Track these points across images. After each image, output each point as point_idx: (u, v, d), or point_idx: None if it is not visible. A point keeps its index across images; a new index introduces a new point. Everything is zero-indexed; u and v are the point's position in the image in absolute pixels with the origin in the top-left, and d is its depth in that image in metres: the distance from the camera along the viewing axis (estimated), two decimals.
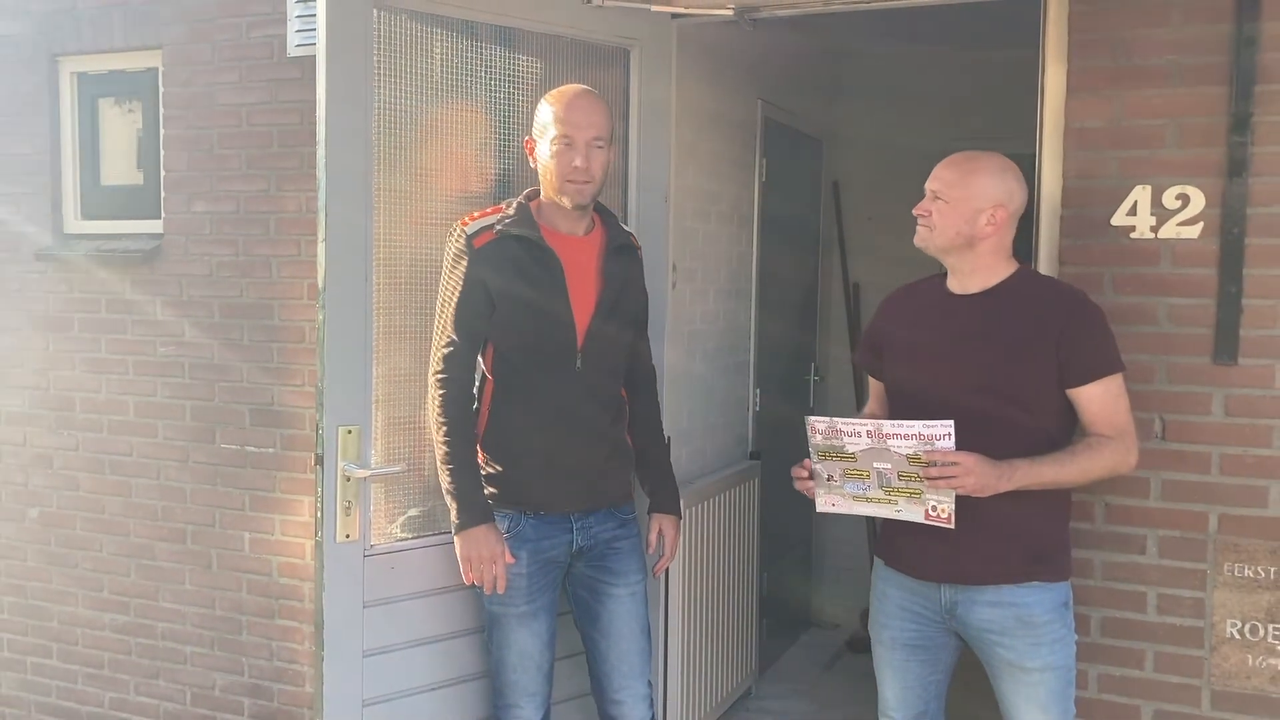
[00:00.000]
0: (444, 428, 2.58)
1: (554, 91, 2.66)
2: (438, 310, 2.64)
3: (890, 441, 2.29)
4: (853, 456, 2.34)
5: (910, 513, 2.31)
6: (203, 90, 3.78)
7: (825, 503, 2.42)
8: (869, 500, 2.36)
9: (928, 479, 2.25)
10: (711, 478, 3.87)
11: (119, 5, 3.91)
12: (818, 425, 2.39)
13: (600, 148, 2.60)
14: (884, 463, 2.31)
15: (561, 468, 2.63)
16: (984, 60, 4.67)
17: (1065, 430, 2.41)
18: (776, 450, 4.42)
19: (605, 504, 2.72)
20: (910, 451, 2.27)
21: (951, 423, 2.24)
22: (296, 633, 3.73)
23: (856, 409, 2.81)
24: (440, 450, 2.58)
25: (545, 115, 2.62)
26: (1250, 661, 2.66)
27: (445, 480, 2.58)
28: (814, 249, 5.23)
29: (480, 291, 2.58)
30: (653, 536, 2.85)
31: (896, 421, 2.31)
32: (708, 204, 3.90)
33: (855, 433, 2.33)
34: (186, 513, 3.88)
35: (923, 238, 2.45)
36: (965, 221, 2.38)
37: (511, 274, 2.58)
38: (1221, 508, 2.68)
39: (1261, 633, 2.66)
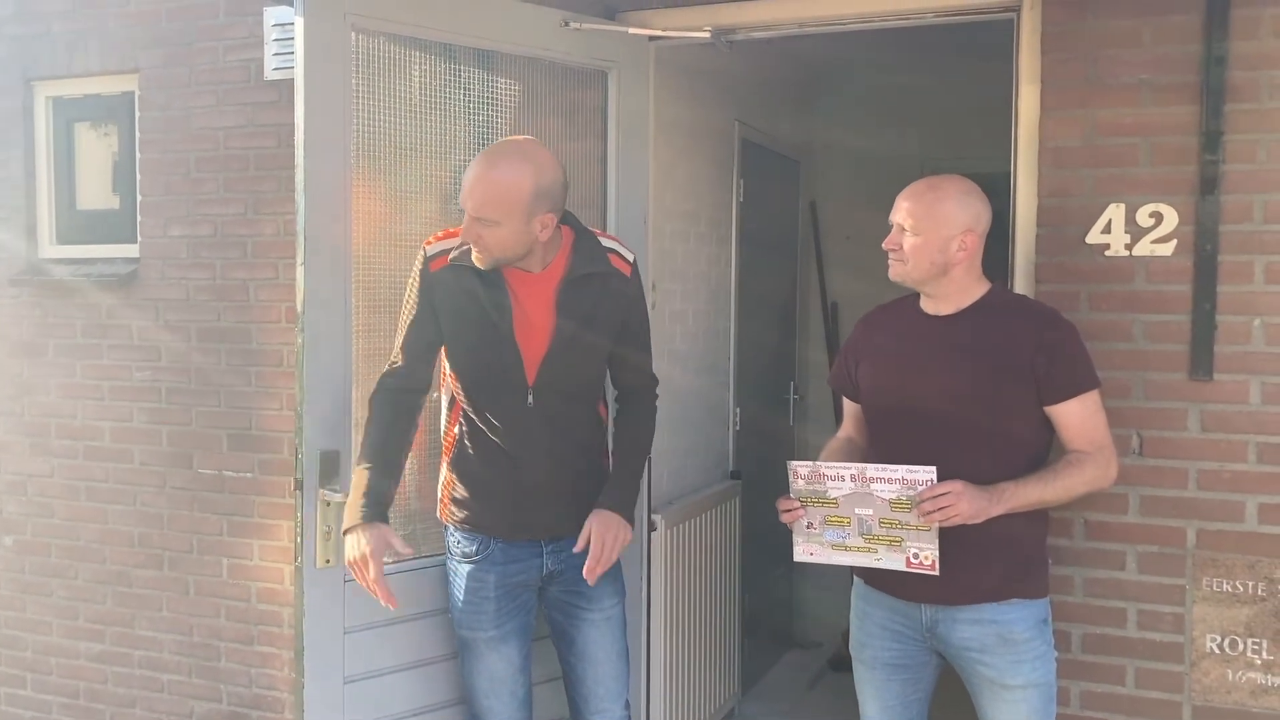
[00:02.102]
0: (364, 428, 2.56)
1: (485, 149, 2.56)
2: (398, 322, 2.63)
3: (874, 486, 2.30)
4: (834, 502, 2.35)
5: (890, 561, 2.32)
6: (179, 114, 3.77)
7: (803, 551, 2.41)
8: (848, 549, 2.36)
9: (923, 515, 2.25)
10: (692, 497, 3.87)
11: (95, 29, 3.90)
12: (800, 470, 2.39)
13: (489, 225, 2.44)
14: (866, 509, 2.31)
15: (519, 502, 2.59)
16: (959, 79, 4.71)
17: (1043, 447, 2.42)
18: (757, 469, 4.42)
19: (575, 530, 2.63)
20: (893, 496, 2.28)
21: (934, 469, 2.26)
22: (276, 659, 3.70)
23: (836, 430, 2.81)
24: (357, 450, 2.57)
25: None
26: (1230, 676, 2.67)
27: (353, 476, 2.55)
28: (792, 268, 5.25)
29: (429, 316, 2.55)
30: (583, 532, 2.56)
31: (880, 465, 2.31)
32: (686, 224, 3.91)
33: (838, 477, 2.34)
34: (164, 538, 3.85)
35: (898, 272, 2.45)
36: (938, 251, 2.39)
37: (459, 306, 2.53)
38: (1199, 523, 2.69)
39: (1241, 647, 2.67)
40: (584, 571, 2.55)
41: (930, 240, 2.39)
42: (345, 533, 2.49)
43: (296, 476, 2.60)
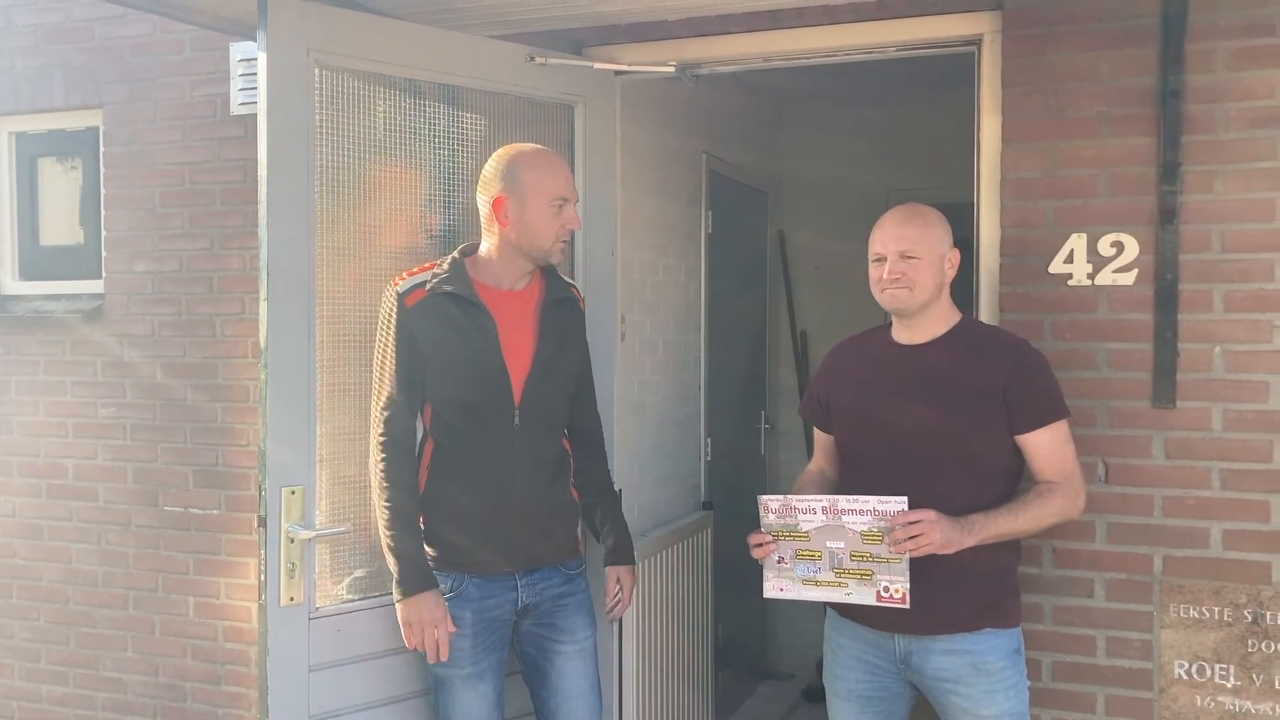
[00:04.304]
0: (386, 491, 2.54)
1: (529, 152, 2.61)
2: (374, 371, 2.61)
3: (845, 518, 2.30)
4: (806, 536, 2.34)
5: (861, 595, 2.31)
6: (144, 149, 3.75)
7: (773, 587, 2.40)
8: (819, 584, 2.35)
9: (894, 542, 2.25)
10: (664, 529, 3.85)
11: (59, 64, 3.89)
12: (770, 505, 2.38)
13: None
14: (837, 542, 2.31)
15: (501, 529, 2.59)
16: (923, 111, 4.76)
17: (1014, 476, 2.43)
18: (729, 500, 4.41)
19: (549, 562, 2.67)
20: (865, 528, 2.28)
21: (905, 499, 2.26)
22: (243, 699, 3.64)
23: (807, 459, 2.81)
24: (383, 514, 2.54)
25: (530, 175, 2.55)
26: (1199, 701, 2.68)
27: (387, 544, 2.54)
28: (761, 298, 5.27)
29: (414, 351, 2.55)
30: (611, 587, 2.81)
31: (851, 497, 2.32)
32: (655, 256, 3.92)
33: (810, 510, 2.34)
34: (128, 578, 3.79)
35: (903, 300, 2.43)
36: (938, 272, 2.43)
37: (444, 332, 2.54)
38: (1165, 549, 2.71)
39: (1209, 672, 2.68)
40: (609, 614, 2.83)
41: (930, 261, 2.43)
42: (407, 596, 2.50)
43: (260, 514, 2.57)
